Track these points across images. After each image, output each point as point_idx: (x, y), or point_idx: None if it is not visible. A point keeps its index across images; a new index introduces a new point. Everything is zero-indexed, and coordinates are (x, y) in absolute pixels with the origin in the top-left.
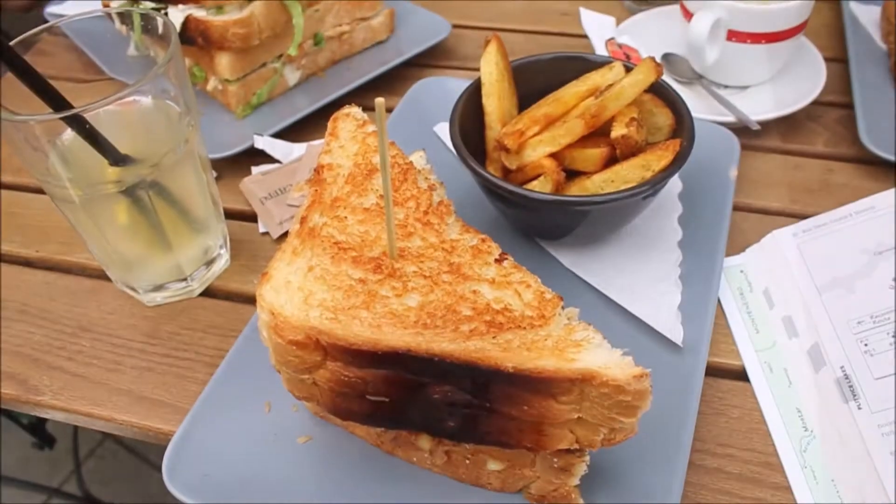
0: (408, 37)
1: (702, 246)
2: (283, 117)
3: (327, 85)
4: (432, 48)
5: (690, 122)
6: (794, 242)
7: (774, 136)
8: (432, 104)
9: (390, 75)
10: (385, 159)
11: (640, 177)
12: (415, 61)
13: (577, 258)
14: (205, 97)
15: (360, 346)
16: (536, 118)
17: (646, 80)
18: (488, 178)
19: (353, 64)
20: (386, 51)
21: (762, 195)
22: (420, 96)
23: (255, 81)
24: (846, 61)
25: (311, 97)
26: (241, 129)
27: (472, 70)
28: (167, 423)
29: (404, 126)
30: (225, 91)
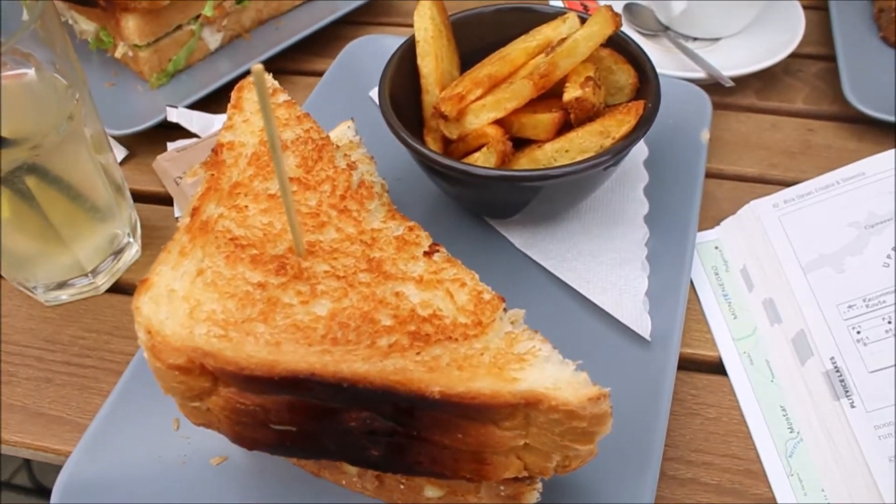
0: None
1: (671, 220)
2: (203, 85)
3: (253, 47)
4: (369, 4)
5: (656, 80)
6: (775, 214)
7: (749, 94)
8: (368, 66)
9: (324, 35)
10: (273, 138)
11: (598, 145)
12: (350, 19)
13: (531, 238)
14: (117, 66)
15: (253, 371)
16: (479, 80)
17: (601, 32)
18: (423, 151)
19: (281, 23)
20: (318, 8)
21: (737, 159)
22: (354, 58)
23: (169, 46)
24: (826, 9)
25: (234, 62)
26: (155, 101)
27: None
28: (66, 442)
29: (336, 92)
30: (136, 58)
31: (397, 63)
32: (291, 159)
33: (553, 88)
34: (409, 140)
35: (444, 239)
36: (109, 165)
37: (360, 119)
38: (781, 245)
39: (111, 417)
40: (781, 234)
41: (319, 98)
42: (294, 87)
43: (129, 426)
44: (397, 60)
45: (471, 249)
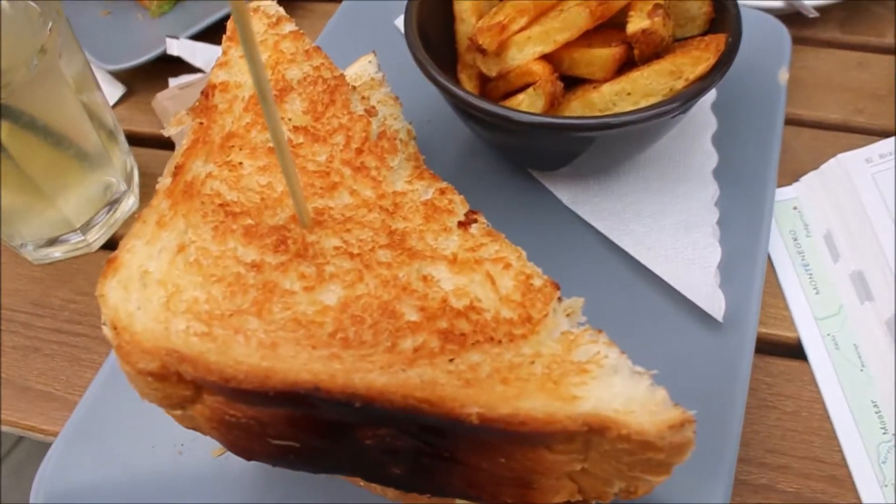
0: None
1: (745, 175)
2: (209, 12)
3: None
4: None
5: (736, 9)
6: (868, 171)
7: (831, 26)
8: None
9: None
10: (262, 82)
11: (667, 87)
12: None
13: (581, 193)
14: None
15: (241, 384)
16: (523, 7)
17: None
18: (456, 92)
19: None
20: None
21: (818, 103)
22: None
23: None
24: None
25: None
26: (157, 31)
27: None
28: (53, 422)
29: (357, 21)
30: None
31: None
32: (298, 104)
33: (612, 17)
34: (440, 78)
35: (479, 193)
36: (97, 105)
37: (384, 52)
38: (875, 208)
39: (100, 399)
40: (876, 195)
41: (338, 28)
42: (311, 16)
43: (119, 410)
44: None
45: (511, 205)
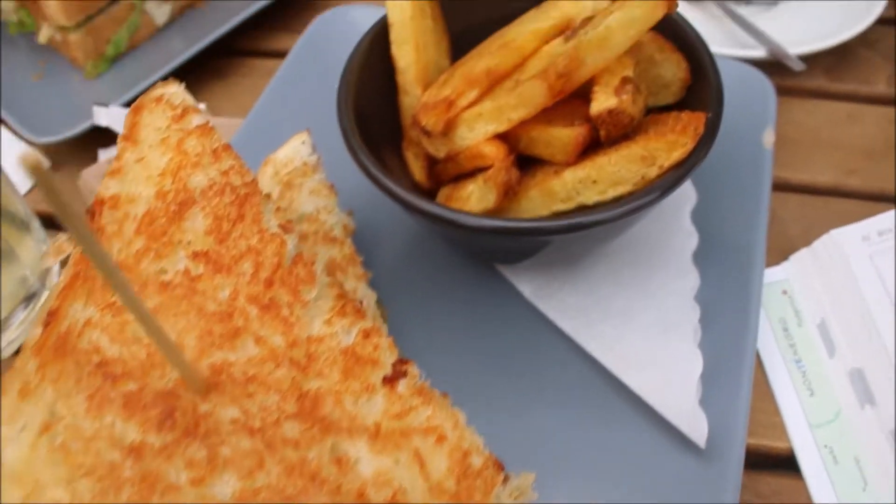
0: None
1: (728, 258)
2: (151, 70)
3: (209, 19)
4: None
5: (716, 77)
6: (866, 251)
7: (817, 73)
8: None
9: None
10: (106, 266)
11: (638, 175)
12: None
13: (545, 286)
14: (47, 52)
15: None
16: (474, 77)
17: (648, 16)
18: (392, 190)
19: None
20: None
21: (806, 164)
22: (324, 36)
23: (106, 25)
24: None
25: (189, 38)
26: (93, 94)
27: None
28: None
29: (301, 81)
30: (65, 42)
31: (365, 52)
32: (200, 220)
33: (577, 90)
34: (373, 170)
35: (429, 283)
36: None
37: (330, 119)
38: (874, 295)
39: None
40: (874, 280)
41: (280, 89)
42: (252, 74)
43: None
44: (365, 49)
45: (464, 298)
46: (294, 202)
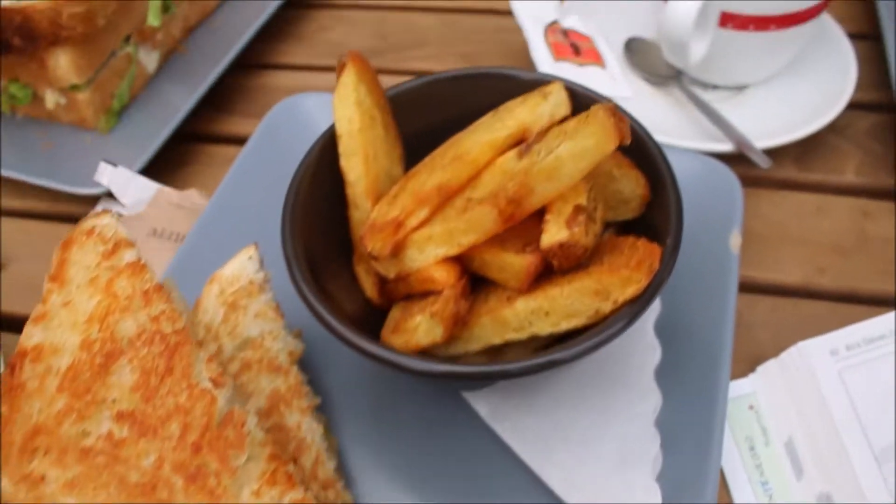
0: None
1: (692, 372)
2: (160, 122)
3: (195, 62)
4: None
5: (676, 195)
6: (834, 366)
7: (786, 162)
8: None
9: (258, 85)
10: None
11: (592, 309)
12: (288, 62)
13: (501, 405)
14: (39, 125)
15: None
16: (424, 195)
17: (598, 148)
18: (331, 325)
19: (214, 25)
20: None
21: (774, 262)
22: (281, 125)
23: (109, 78)
24: (879, 38)
25: (184, 84)
26: (111, 150)
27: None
28: None
29: (258, 174)
30: (73, 104)
31: (314, 163)
32: (127, 374)
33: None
34: (318, 308)
35: (379, 402)
36: None
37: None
38: (843, 415)
39: None
40: (843, 399)
41: (235, 183)
42: (211, 163)
43: None
44: (314, 160)
45: (417, 418)
46: (238, 326)
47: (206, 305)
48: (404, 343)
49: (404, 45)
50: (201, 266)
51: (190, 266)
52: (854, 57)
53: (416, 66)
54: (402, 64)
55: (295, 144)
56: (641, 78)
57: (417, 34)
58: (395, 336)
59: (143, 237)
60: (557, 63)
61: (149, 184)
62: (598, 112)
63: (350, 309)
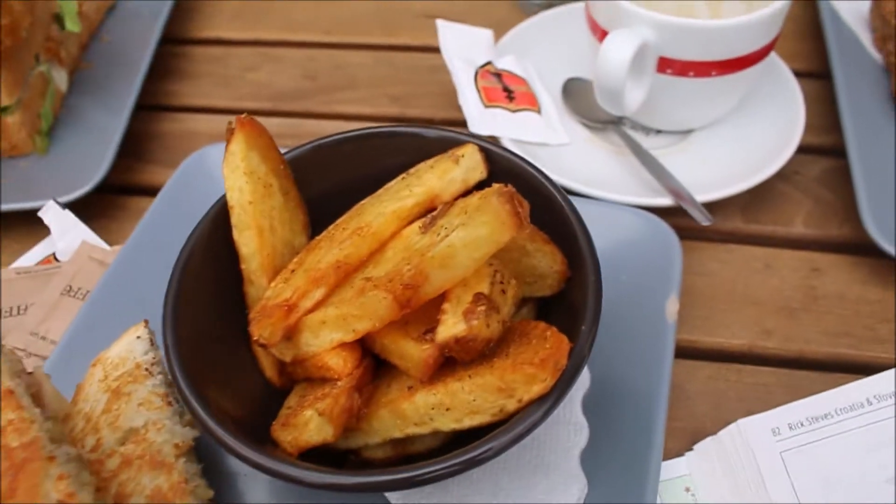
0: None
1: (621, 454)
2: (90, 141)
3: (104, 76)
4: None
5: (595, 275)
6: (776, 447)
7: (732, 213)
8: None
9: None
10: None
11: (496, 407)
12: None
13: (414, 494)
14: None
15: None
16: (320, 273)
17: (492, 239)
18: (220, 438)
19: (104, 39)
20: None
21: (717, 325)
22: (195, 179)
23: (32, 98)
24: (828, 76)
25: (102, 104)
26: (54, 173)
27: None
28: None
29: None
30: (3, 128)
31: (206, 235)
32: None
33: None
34: (203, 417)
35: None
36: None
37: None
38: (784, 500)
39: None
40: (784, 482)
41: (141, 242)
42: (122, 216)
43: None
44: (207, 230)
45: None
46: (121, 416)
47: (88, 392)
48: (293, 440)
49: (334, 86)
50: (97, 340)
51: (85, 339)
52: (801, 100)
53: (344, 110)
54: (331, 107)
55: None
56: (579, 122)
57: (348, 74)
58: (284, 431)
59: (56, 295)
60: (488, 109)
61: (88, 233)
62: (492, 199)
63: (249, 392)
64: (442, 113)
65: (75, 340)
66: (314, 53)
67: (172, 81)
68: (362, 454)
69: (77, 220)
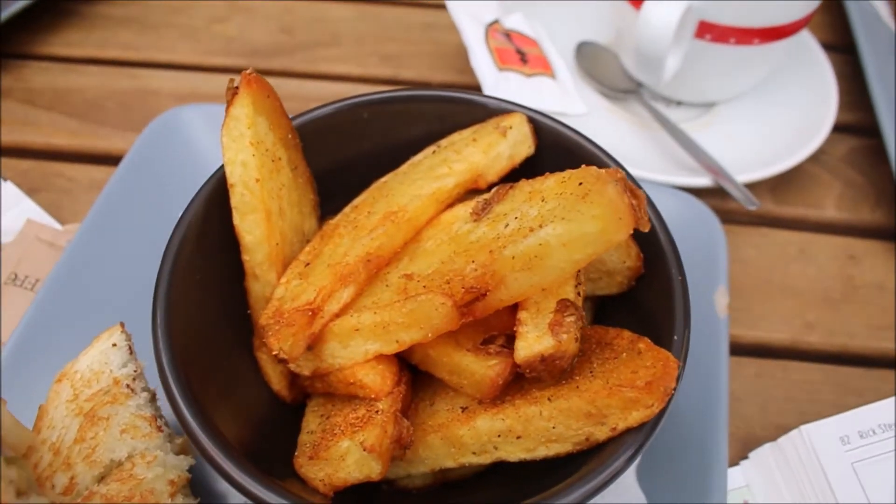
0: None
1: (682, 465)
2: None
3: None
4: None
5: (680, 273)
6: (846, 457)
7: (762, 193)
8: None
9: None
10: None
11: (581, 435)
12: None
13: None
14: None
15: None
16: (348, 269)
17: (604, 237)
18: (224, 470)
19: None
20: None
21: (758, 317)
22: (162, 147)
23: None
24: (849, 50)
25: None
26: None
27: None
28: None
29: (131, 207)
30: None
31: (199, 220)
32: None
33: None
34: (198, 431)
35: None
36: None
37: None
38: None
39: None
40: (858, 495)
41: (102, 222)
42: (75, 189)
43: None
44: (200, 215)
45: None
46: (100, 446)
47: (54, 417)
48: (327, 478)
49: (314, 41)
50: (56, 343)
51: (40, 342)
52: (832, 77)
53: (329, 69)
54: (314, 66)
55: (180, 171)
56: (596, 91)
57: (329, 28)
58: (313, 466)
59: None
60: (502, 72)
61: (34, 209)
62: (607, 188)
63: (253, 409)
64: (440, 75)
65: (27, 343)
66: (290, 5)
67: (128, 32)
68: (397, 483)
69: (21, 193)
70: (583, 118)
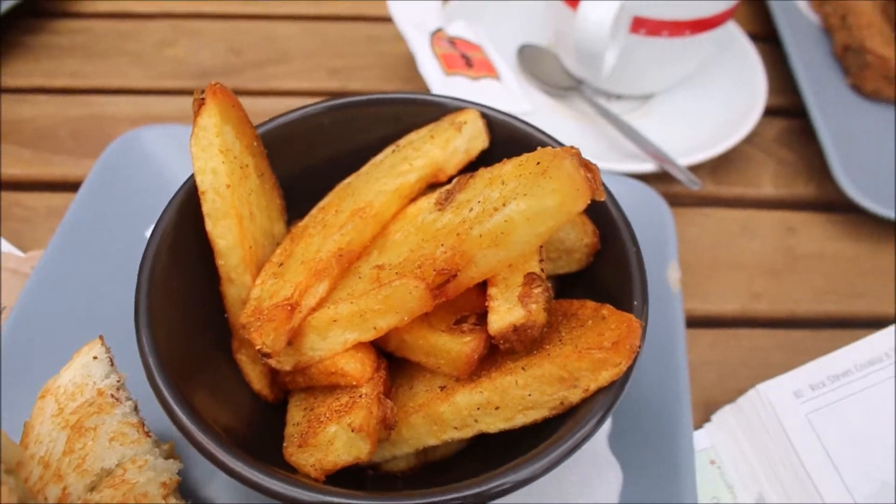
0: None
1: (650, 433)
2: None
3: None
4: None
5: (634, 246)
6: (801, 410)
7: (702, 176)
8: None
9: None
10: None
11: (556, 399)
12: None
13: None
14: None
15: None
16: (321, 265)
17: (563, 209)
18: (210, 452)
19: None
20: None
21: (708, 291)
22: (121, 169)
23: None
24: (770, 38)
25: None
26: None
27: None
28: None
29: (92, 230)
30: None
31: (172, 229)
32: None
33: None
34: (189, 426)
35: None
36: None
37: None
38: (820, 468)
39: None
40: (816, 448)
41: (67, 245)
42: (34, 217)
43: None
44: (172, 223)
45: None
46: (89, 455)
47: (40, 432)
48: (317, 462)
49: (263, 60)
50: (32, 362)
51: (17, 362)
52: (760, 64)
53: (280, 85)
54: (265, 83)
55: (142, 191)
56: (540, 90)
57: (278, 47)
58: (303, 453)
59: None
60: (450, 77)
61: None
62: (563, 163)
63: (237, 410)
64: (387, 85)
65: (3, 365)
66: (236, 25)
67: (75, 60)
68: (382, 467)
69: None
70: (529, 116)
